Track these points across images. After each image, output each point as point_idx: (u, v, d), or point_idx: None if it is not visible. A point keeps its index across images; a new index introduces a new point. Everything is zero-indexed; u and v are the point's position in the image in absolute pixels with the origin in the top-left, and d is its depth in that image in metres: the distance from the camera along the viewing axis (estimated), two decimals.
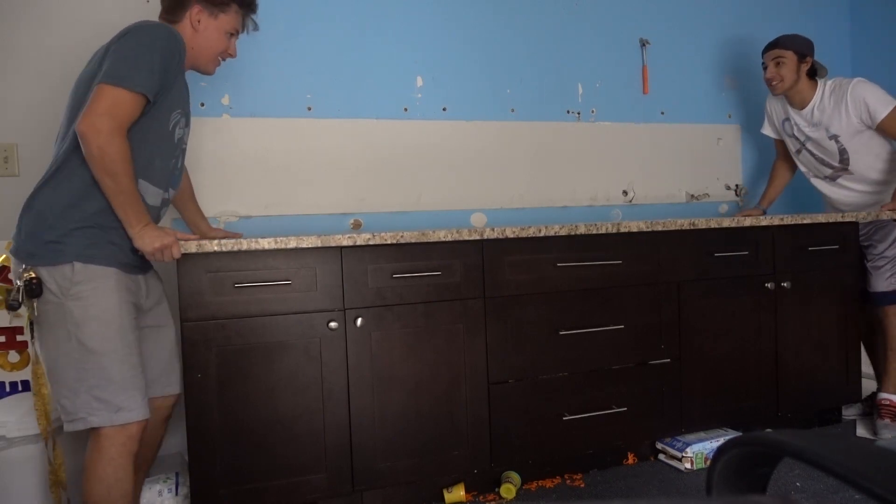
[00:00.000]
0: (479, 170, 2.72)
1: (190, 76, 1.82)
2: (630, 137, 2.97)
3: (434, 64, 2.65)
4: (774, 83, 2.61)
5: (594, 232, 2.11)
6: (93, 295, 1.55)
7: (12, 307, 1.55)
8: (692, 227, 2.25)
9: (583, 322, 2.15)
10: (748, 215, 2.75)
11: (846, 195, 2.71)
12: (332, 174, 2.50)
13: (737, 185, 3.18)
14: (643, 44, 2.97)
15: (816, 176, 2.76)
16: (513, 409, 2.08)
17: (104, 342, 1.56)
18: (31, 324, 1.60)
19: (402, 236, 1.90)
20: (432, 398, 1.99)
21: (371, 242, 1.87)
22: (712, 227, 2.28)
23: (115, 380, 1.56)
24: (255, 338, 1.82)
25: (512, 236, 2.02)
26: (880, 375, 2.60)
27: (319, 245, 1.81)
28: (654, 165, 3.01)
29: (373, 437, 1.93)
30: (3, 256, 2.13)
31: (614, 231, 2.15)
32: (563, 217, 2.86)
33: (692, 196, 3.10)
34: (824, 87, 2.60)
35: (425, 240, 1.93)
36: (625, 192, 2.97)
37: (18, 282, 1.55)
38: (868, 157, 2.60)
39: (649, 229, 2.20)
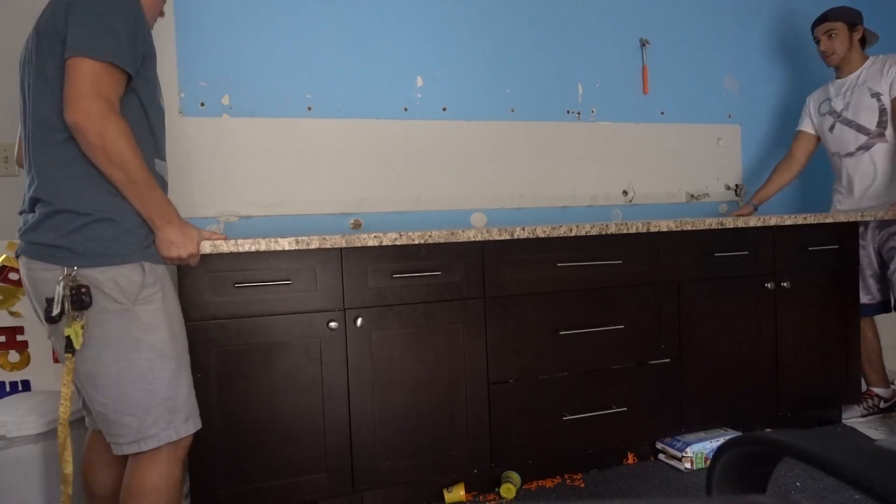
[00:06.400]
0: (479, 170, 2.72)
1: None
2: (630, 137, 2.97)
3: (434, 64, 2.65)
4: (829, 55, 2.67)
5: (595, 233, 2.11)
6: (163, 297, 1.44)
7: (52, 320, 1.31)
8: (693, 228, 2.25)
9: (583, 322, 2.15)
10: (739, 215, 2.79)
11: (870, 172, 2.62)
12: (332, 174, 2.50)
13: (737, 185, 3.17)
14: (643, 44, 2.97)
15: (847, 153, 2.69)
16: (513, 409, 2.08)
17: (177, 346, 1.46)
18: (69, 339, 1.32)
19: (397, 237, 1.90)
20: (432, 398, 1.99)
21: (369, 244, 1.87)
22: (714, 227, 2.28)
23: (185, 386, 1.47)
24: (255, 338, 1.82)
25: (511, 237, 2.02)
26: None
27: (318, 247, 1.81)
28: (654, 165, 3.01)
29: (373, 437, 1.93)
30: (4, 256, 2.13)
31: (616, 232, 2.15)
32: (563, 217, 2.86)
33: (692, 196, 3.10)
34: (872, 57, 2.67)
35: (422, 240, 1.93)
36: (625, 192, 2.97)
37: (59, 289, 1.31)
38: None
39: (653, 230, 2.20)
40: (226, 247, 1.73)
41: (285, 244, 1.78)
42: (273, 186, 2.43)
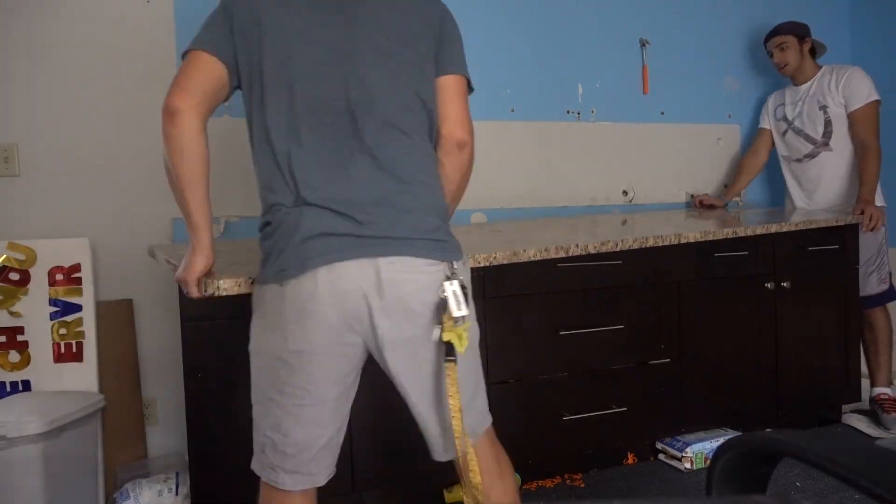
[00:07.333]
0: (478, 170, 2.67)
1: None
2: (630, 137, 2.97)
3: None
4: (782, 66, 2.83)
5: (593, 251, 2.09)
6: None
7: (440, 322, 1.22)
8: (697, 239, 2.25)
9: (583, 322, 2.15)
10: (711, 203, 2.99)
11: (816, 179, 2.79)
12: None
13: None
14: (643, 44, 2.97)
15: (796, 159, 2.85)
16: (513, 409, 2.07)
17: None
18: (449, 345, 1.22)
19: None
20: None
21: None
22: (719, 237, 2.29)
23: None
24: None
25: (505, 262, 1.98)
26: (873, 372, 2.66)
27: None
28: (654, 165, 3.01)
29: (373, 437, 1.92)
30: (4, 256, 2.13)
31: (616, 249, 2.14)
32: (562, 217, 2.86)
33: (692, 196, 3.10)
34: (824, 67, 2.82)
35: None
36: (625, 192, 2.97)
37: (454, 287, 1.20)
38: (844, 141, 2.74)
39: (653, 245, 2.18)
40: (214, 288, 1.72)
41: None
42: None
